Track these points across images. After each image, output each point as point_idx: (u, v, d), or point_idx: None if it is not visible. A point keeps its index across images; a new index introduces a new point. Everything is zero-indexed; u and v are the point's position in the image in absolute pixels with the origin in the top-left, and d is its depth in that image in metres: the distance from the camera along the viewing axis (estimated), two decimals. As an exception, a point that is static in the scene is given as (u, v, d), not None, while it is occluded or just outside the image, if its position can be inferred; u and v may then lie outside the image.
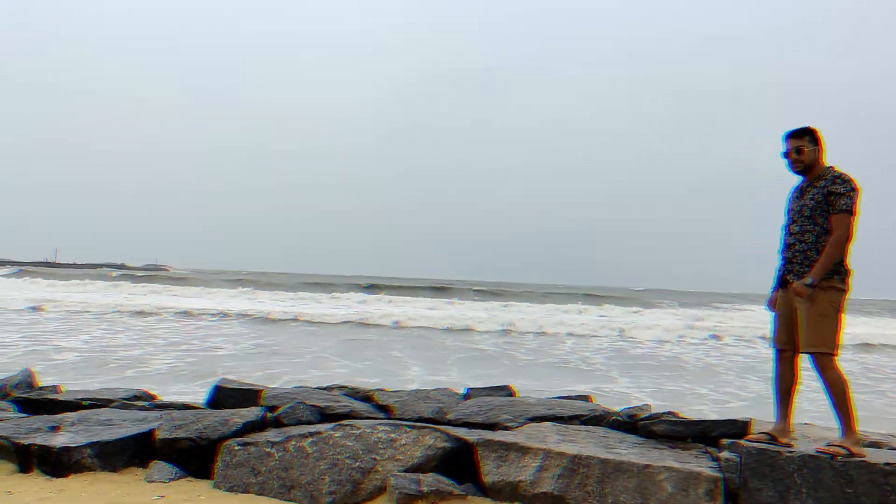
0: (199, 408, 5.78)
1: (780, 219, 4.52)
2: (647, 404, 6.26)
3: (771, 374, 4.51)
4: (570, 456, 4.07)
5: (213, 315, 22.34)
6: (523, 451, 4.17)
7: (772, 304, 4.56)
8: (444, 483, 4.09)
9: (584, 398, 6.38)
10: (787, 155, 4.36)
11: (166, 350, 13.40)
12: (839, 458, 3.92)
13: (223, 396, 5.87)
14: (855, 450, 3.98)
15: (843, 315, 4.14)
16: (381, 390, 6.30)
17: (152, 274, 68.56)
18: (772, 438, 4.28)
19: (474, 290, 54.93)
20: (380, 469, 4.28)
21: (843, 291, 4.12)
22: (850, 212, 4.08)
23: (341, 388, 6.53)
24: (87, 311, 22.10)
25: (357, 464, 4.31)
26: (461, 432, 4.65)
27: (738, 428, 4.67)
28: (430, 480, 4.06)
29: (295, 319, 22.28)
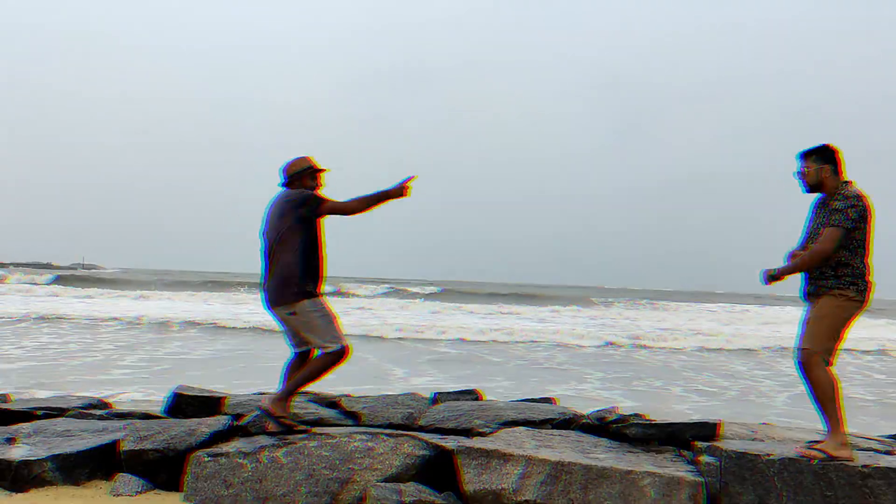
0: (159, 416, 5.57)
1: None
2: (614, 406, 6.28)
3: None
4: (552, 462, 4.03)
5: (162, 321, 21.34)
6: (505, 458, 4.11)
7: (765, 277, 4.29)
8: (425, 493, 4.00)
9: (548, 401, 6.37)
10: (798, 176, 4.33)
11: (116, 358, 12.92)
12: (815, 460, 3.94)
13: (183, 404, 5.68)
14: (835, 452, 3.94)
15: (848, 325, 4.07)
16: (348, 396, 6.18)
17: (83, 275, 65.19)
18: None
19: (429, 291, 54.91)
20: (358, 479, 4.17)
21: (859, 303, 4.04)
22: (842, 227, 3.98)
23: (305, 394, 6.38)
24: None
25: (334, 474, 4.19)
26: (435, 439, 4.57)
27: (708, 430, 4.71)
28: (411, 490, 3.97)
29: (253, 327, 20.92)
